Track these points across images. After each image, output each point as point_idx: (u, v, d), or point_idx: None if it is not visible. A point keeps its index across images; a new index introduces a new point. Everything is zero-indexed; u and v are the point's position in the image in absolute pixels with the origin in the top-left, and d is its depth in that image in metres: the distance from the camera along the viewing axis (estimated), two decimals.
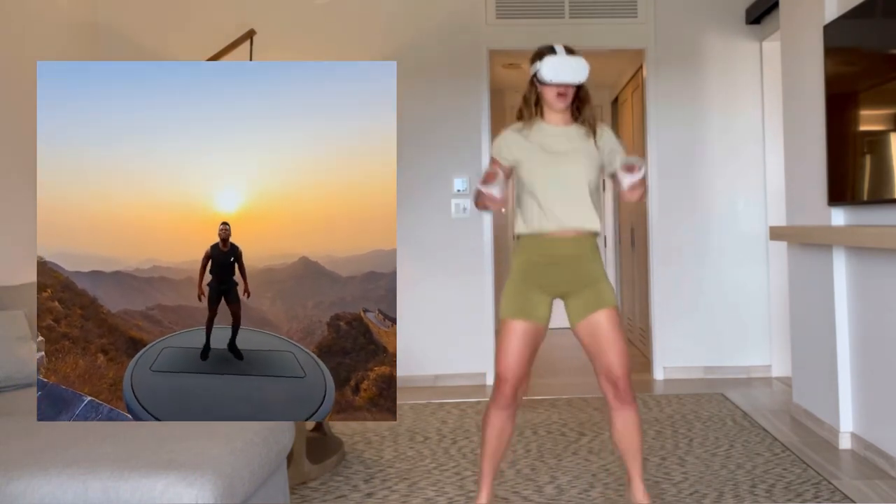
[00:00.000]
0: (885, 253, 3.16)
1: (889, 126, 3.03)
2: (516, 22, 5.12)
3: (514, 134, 2.58)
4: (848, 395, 3.50)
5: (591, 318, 2.51)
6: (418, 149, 5.04)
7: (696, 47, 5.15)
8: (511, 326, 2.51)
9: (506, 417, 2.57)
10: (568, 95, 2.50)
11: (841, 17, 3.35)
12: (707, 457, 3.37)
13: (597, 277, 2.53)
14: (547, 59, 2.45)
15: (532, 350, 2.54)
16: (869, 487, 2.98)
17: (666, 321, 5.13)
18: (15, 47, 3.93)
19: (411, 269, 5.01)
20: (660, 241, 5.15)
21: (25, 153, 3.93)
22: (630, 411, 2.55)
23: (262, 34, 4.36)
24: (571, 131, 2.56)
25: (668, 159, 5.14)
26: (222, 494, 1.91)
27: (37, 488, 1.88)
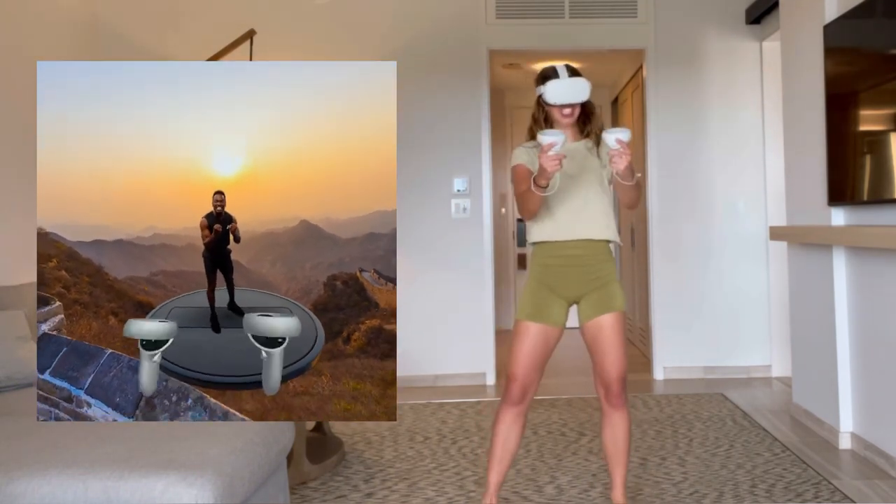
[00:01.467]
0: (885, 253, 3.16)
1: (889, 126, 3.03)
2: (516, 22, 5.12)
3: (527, 150, 2.63)
4: (848, 395, 3.50)
5: (597, 320, 2.57)
6: (418, 149, 5.04)
7: (696, 47, 5.15)
8: (524, 328, 2.57)
9: (515, 415, 2.61)
10: (573, 113, 2.59)
11: (841, 17, 3.35)
12: (707, 457, 3.37)
13: (608, 280, 2.59)
14: (550, 84, 2.54)
15: (545, 352, 2.59)
16: (869, 487, 2.98)
17: (666, 321, 5.13)
18: (15, 47, 3.93)
19: (411, 268, 5.01)
20: (660, 241, 5.15)
21: (25, 153, 3.93)
22: (620, 415, 2.61)
23: (262, 34, 4.36)
24: (579, 146, 2.63)
25: (668, 159, 5.14)
26: (222, 494, 1.91)
27: (37, 488, 1.88)
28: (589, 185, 2.57)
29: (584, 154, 2.62)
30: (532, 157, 2.59)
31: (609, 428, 2.63)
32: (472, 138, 5.08)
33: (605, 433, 2.65)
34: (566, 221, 2.55)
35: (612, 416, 2.62)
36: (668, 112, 5.15)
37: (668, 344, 5.13)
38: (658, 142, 5.15)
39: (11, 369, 3.00)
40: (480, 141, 5.08)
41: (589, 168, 2.60)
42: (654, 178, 5.15)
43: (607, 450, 2.65)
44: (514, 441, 2.64)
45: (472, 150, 5.08)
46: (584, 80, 2.55)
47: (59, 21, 4.49)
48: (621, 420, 2.61)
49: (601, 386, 2.61)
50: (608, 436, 2.64)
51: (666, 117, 5.15)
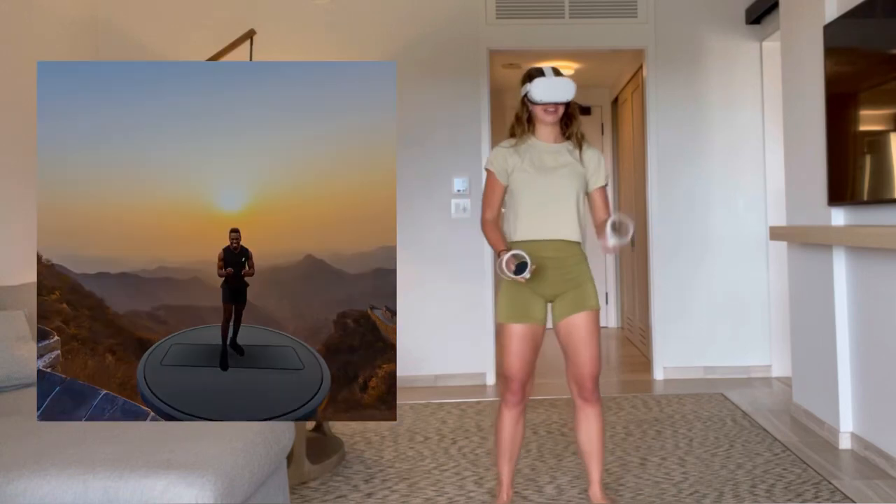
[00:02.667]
0: (885, 253, 3.16)
1: (889, 126, 3.03)
2: (516, 22, 5.12)
3: (506, 149, 2.70)
4: (848, 395, 3.50)
5: (571, 319, 2.63)
6: (418, 149, 5.04)
7: (696, 47, 5.15)
8: (510, 330, 2.63)
9: (517, 415, 2.69)
10: (557, 111, 2.66)
11: (841, 17, 3.35)
12: (707, 457, 3.37)
13: (582, 280, 2.65)
14: (536, 81, 2.61)
15: (534, 350, 2.65)
16: (869, 487, 2.98)
17: (666, 321, 5.13)
18: (15, 47, 3.93)
19: (411, 268, 5.01)
20: (660, 241, 5.15)
21: (25, 153, 3.93)
22: (594, 411, 2.67)
23: (262, 34, 4.36)
24: (561, 148, 2.70)
25: (668, 159, 5.14)
26: (222, 494, 1.91)
27: (37, 488, 1.88)
28: (568, 187, 2.63)
29: (565, 156, 2.68)
30: (508, 161, 2.66)
31: (584, 423, 2.68)
32: (472, 138, 5.08)
33: (579, 430, 2.69)
34: (544, 222, 2.61)
35: (587, 410, 2.67)
36: (668, 112, 5.15)
37: (668, 344, 5.13)
38: (658, 141, 5.15)
39: (11, 369, 3.00)
40: (480, 141, 5.08)
41: (569, 171, 2.65)
42: (653, 178, 5.15)
43: (582, 447, 2.70)
44: (520, 436, 2.73)
45: (472, 150, 5.08)
46: (569, 81, 2.62)
47: (59, 21, 4.49)
48: (595, 416, 2.67)
49: (574, 384, 2.67)
50: (583, 432, 2.68)
51: (666, 117, 5.15)
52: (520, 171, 2.63)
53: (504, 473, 2.73)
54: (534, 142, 2.69)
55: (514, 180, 2.65)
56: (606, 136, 7.59)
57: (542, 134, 2.70)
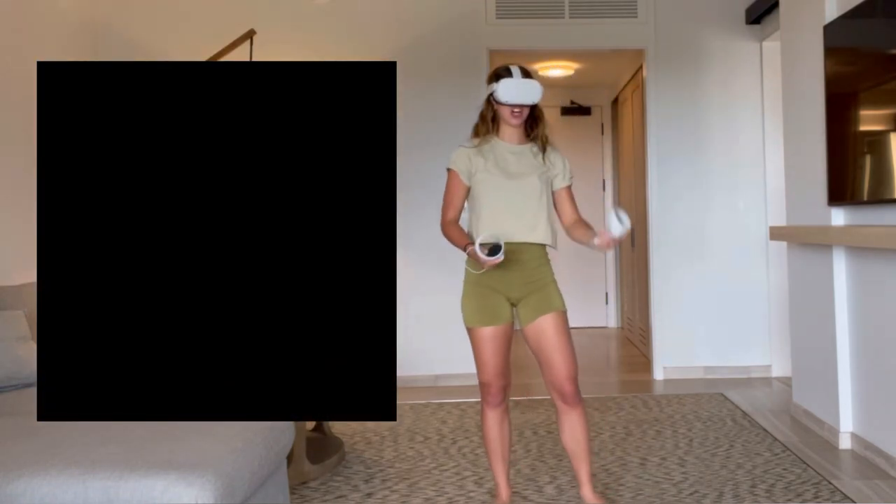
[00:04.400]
0: (885, 253, 3.16)
1: (889, 126, 3.03)
2: (516, 22, 5.12)
3: (470, 149, 2.65)
4: (848, 395, 3.50)
5: (537, 323, 2.57)
6: (418, 149, 5.04)
7: (696, 47, 5.15)
8: (479, 334, 2.60)
9: (500, 414, 2.68)
10: (522, 114, 2.61)
11: (841, 17, 3.35)
12: (707, 457, 3.37)
13: (545, 283, 2.61)
14: (503, 82, 2.56)
15: (506, 351, 2.62)
16: (869, 487, 2.98)
17: (666, 321, 5.13)
18: (15, 47, 3.94)
19: (411, 268, 5.01)
20: (660, 241, 5.15)
21: (25, 153, 3.93)
22: (577, 413, 2.60)
23: (262, 34, 4.36)
24: (525, 149, 2.65)
25: (668, 159, 5.14)
26: (222, 494, 1.91)
27: (37, 488, 1.88)
28: (531, 189, 2.58)
29: (529, 158, 2.63)
30: (472, 162, 2.61)
31: (568, 427, 2.61)
32: None
33: (564, 433, 2.63)
34: (507, 224, 2.54)
35: (570, 414, 2.60)
36: (667, 112, 5.15)
37: (668, 344, 5.13)
38: (658, 141, 5.15)
39: (11, 369, 3.00)
40: None
41: (533, 172, 2.60)
42: (653, 178, 5.15)
43: (569, 449, 2.64)
44: (507, 434, 2.71)
45: None
46: (536, 83, 2.57)
47: (59, 21, 4.49)
48: (578, 417, 2.60)
49: (552, 388, 2.60)
50: (568, 435, 2.62)
51: (666, 117, 5.15)
52: (483, 172, 2.58)
53: (498, 474, 2.71)
54: (497, 142, 2.64)
55: (478, 182, 2.59)
56: (606, 136, 7.59)
57: (506, 134, 2.64)
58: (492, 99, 2.62)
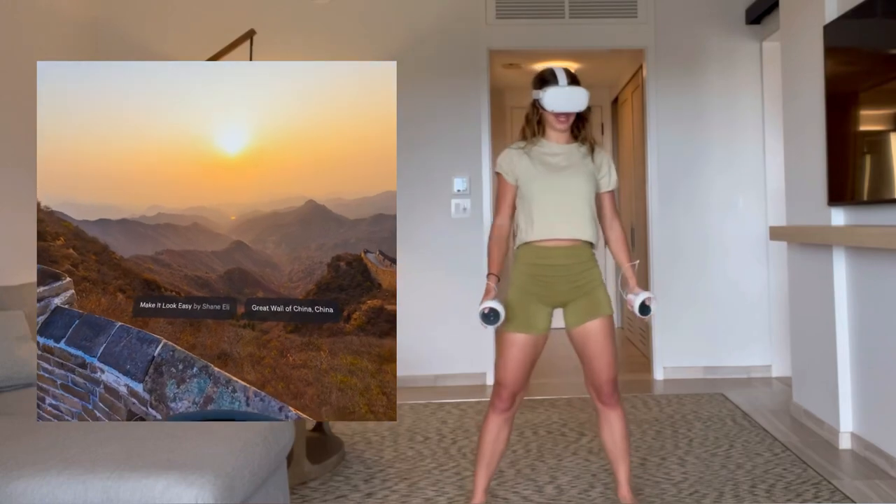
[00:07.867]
0: (885, 253, 3.16)
1: (889, 126, 3.03)
2: (516, 22, 5.12)
3: (517, 151, 2.65)
4: (848, 395, 3.49)
5: (585, 326, 2.59)
6: (418, 149, 5.04)
7: (696, 47, 5.15)
8: (512, 339, 2.59)
9: (503, 421, 2.65)
10: (569, 119, 2.61)
11: (841, 17, 3.35)
12: (707, 457, 3.37)
13: (594, 286, 2.61)
14: (549, 91, 2.54)
15: (532, 360, 2.62)
16: (869, 487, 2.98)
17: (666, 321, 5.13)
18: (15, 47, 3.93)
19: (411, 268, 5.01)
20: (660, 241, 5.15)
21: (25, 154, 3.93)
22: (615, 414, 2.65)
23: (262, 34, 4.36)
24: (571, 149, 2.65)
25: (668, 159, 5.14)
26: (222, 494, 1.91)
27: (37, 488, 1.88)
28: (579, 188, 2.58)
29: (577, 157, 2.64)
30: (516, 162, 2.62)
31: (606, 426, 2.67)
32: (472, 138, 5.08)
33: (603, 433, 2.69)
34: (558, 221, 2.56)
35: (608, 414, 2.65)
36: (667, 112, 5.15)
37: (668, 344, 5.13)
38: (658, 141, 5.15)
39: (11, 369, 3.00)
40: (480, 141, 5.08)
41: (581, 171, 2.61)
42: (653, 178, 5.15)
43: (608, 448, 2.68)
44: (502, 444, 2.68)
45: (472, 150, 5.08)
46: (583, 90, 2.56)
47: (59, 21, 4.49)
48: (617, 418, 2.65)
49: (592, 389, 2.66)
50: (607, 435, 2.67)
51: (666, 117, 5.15)
52: (530, 171, 2.58)
53: (479, 479, 2.67)
54: (544, 143, 2.65)
55: (525, 181, 2.59)
56: (606, 136, 7.59)
57: (553, 136, 2.65)
58: (537, 104, 2.61)
